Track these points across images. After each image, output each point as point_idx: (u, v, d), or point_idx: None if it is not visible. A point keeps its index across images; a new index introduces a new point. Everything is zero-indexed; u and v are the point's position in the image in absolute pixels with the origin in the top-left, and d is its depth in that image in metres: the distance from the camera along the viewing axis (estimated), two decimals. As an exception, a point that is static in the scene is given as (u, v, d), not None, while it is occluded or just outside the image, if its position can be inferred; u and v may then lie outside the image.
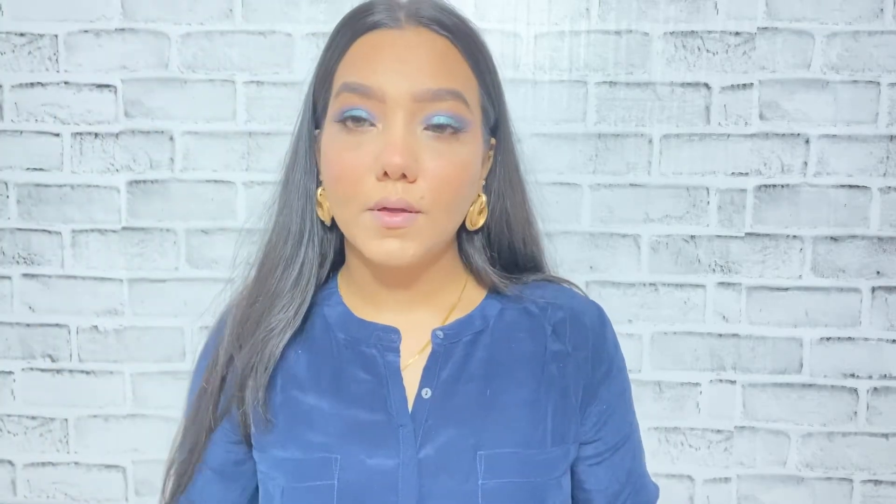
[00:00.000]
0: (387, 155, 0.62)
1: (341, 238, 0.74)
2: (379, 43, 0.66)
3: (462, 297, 0.74)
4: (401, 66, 0.65)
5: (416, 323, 0.72)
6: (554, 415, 0.70)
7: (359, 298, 0.73)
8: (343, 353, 0.71)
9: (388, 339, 0.71)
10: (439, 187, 0.65)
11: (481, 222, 0.73)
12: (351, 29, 0.68)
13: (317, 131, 0.72)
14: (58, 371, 1.13)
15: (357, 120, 0.65)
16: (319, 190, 0.72)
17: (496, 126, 0.73)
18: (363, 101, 0.65)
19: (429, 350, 0.70)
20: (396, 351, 0.70)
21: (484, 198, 0.73)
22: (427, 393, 0.68)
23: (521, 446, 0.68)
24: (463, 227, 0.72)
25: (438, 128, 0.65)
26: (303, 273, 0.71)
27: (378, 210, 0.64)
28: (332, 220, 0.71)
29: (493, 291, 0.75)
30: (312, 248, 0.72)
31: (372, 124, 0.65)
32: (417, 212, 0.64)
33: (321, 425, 0.68)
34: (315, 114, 0.72)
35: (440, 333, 0.71)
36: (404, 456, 0.66)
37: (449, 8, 0.69)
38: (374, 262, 0.67)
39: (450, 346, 0.70)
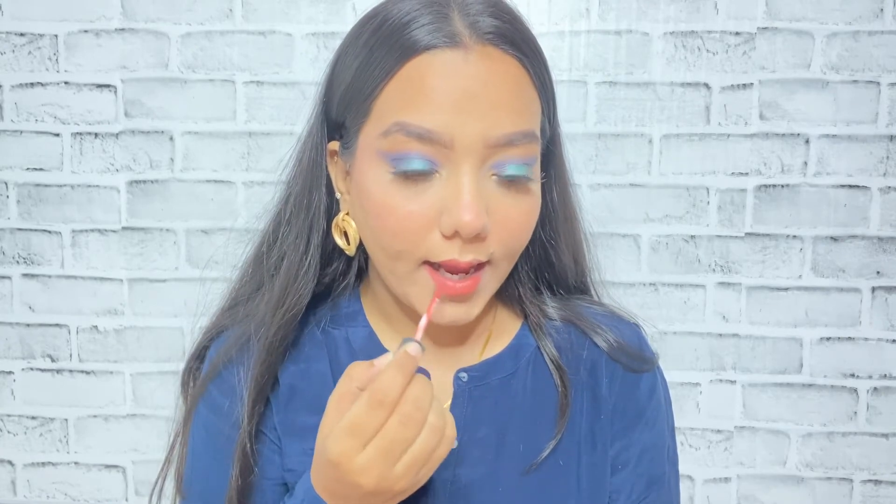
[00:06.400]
0: (459, 213, 0.54)
1: (348, 263, 0.68)
2: (440, 70, 0.55)
3: (496, 324, 0.69)
4: (470, 103, 0.55)
5: (449, 357, 0.66)
6: (590, 476, 0.65)
7: (386, 324, 0.68)
8: None
9: None
10: (509, 239, 0.58)
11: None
12: (398, 45, 0.56)
13: (334, 143, 0.64)
14: (58, 371, 1.13)
15: (415, 172, 0.56)
16: (341, 215, 0.64)
17: (551, 134, 0.66)
18: (423, 146, 0.55)
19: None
20: None
21: None
22: (454, 443, 0.61)
23: None
24: None
25: (510, 179, 0.57)
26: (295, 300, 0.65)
27: (439, 269, 0.57)
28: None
29: (528, 318, 0.69)
30: (308, 284, 0.65)
31: (433, 172, 0.56)
32: (485, 264, 0.58)
33: None
34: (335, 127, 0.64)
35: (464, 376, 0.64)
36: None
37: (501, 6, 0.59)
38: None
39: (475, 388, 0.64)
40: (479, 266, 0.58)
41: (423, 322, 0.56)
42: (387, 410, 0.50)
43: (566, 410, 0.65)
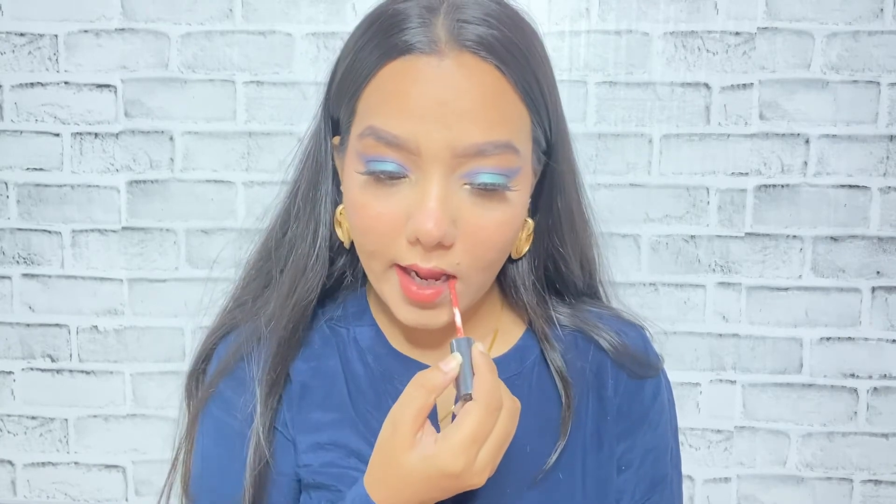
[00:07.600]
0: (420, 221, 0.54)
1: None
2: (412, 76, 0.55)
3: (501, 325, 0.69)
4: (439, 111, 0.54)
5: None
6: (596, 475, 0.65)
7: (391, 323, 0.67)
8: (378, 384, 0.65)
9: None
10: (477, 250, 0.57)
11: (527, 249, 0.66)
12: (380, 47, 0.57)
13: (336, 138, 0.65)
14: (58, 371, 1.13)
15: (385, 173, 0.56)
16: (339, 208, 0.65)
17: (550, 145, 0.64)
18: (392, 152, 0.55)
19: None
20: None
21: (531, 223, 0.65)
22: None
23: None
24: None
25: (483, 187, 0.56)
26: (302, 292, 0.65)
27: (406, 271, 0.57)
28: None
29: (532, 324, 0.68)
30: (316, 276, 0.65)
31: (403, 175, 0.56)
32: (451, 277, 0.58)
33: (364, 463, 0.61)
34: (336, 123, 0.64)
35: None
36: None
37: (497, 14, 0.57)
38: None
39: None
40: (448, 278, 0.58)
41: (457, 315, 0.57)
42: (498, 412, 0.52)
43: (568, 424, 0.65)
